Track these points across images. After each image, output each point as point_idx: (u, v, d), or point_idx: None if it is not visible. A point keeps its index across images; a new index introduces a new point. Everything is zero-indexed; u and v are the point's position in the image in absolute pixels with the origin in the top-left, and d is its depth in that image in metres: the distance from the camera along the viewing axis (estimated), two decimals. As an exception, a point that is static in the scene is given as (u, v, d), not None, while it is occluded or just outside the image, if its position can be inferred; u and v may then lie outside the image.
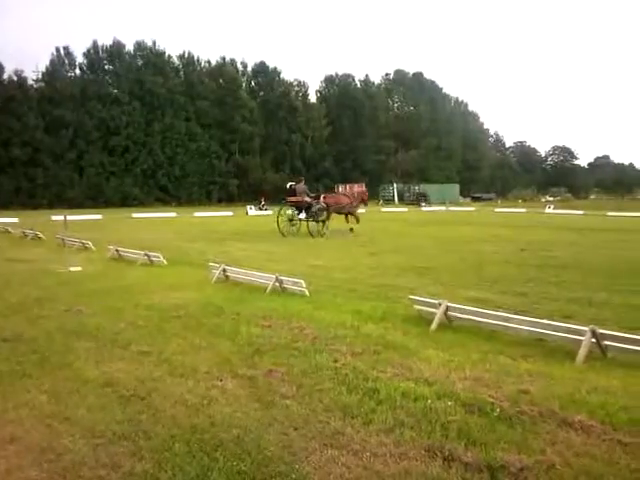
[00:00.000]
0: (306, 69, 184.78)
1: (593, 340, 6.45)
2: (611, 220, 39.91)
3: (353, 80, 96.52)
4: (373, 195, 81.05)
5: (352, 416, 4.60)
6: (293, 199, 25.58)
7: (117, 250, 16.79)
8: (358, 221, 27.02)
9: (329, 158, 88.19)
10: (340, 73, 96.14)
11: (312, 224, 25.15)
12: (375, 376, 5.52)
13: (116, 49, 75.96)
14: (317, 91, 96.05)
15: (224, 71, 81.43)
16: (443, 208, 64.14)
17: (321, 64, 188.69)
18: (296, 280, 10.81)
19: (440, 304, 8.08)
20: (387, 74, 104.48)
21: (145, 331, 7.70)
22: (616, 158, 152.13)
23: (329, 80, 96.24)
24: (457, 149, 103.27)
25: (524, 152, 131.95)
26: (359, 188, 31.24)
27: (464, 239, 23.73)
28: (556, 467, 3.70)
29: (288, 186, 26.17)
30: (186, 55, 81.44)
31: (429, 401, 4.81)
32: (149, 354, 6.57)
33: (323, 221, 25.59)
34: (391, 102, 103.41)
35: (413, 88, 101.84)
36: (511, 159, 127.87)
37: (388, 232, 28.43)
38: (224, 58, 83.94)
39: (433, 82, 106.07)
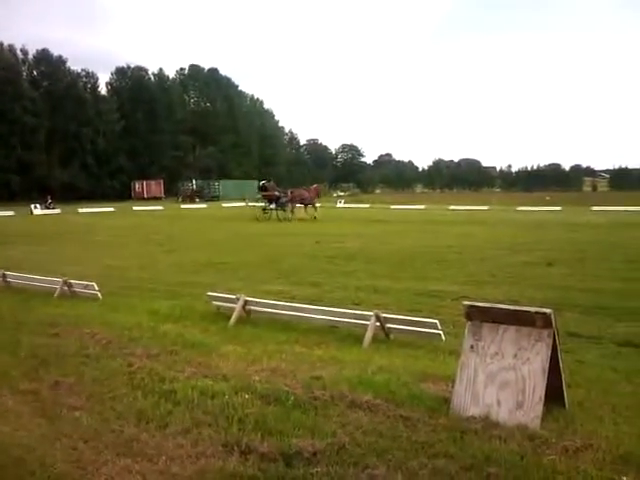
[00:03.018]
0: (95, 60, 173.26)
1: (377, 324, 6.99)
2: (393, 212, 43.48)
3: (146, 73, 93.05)
4: (173, 192, 79.27)
5: (147, 421, 4.43)
6: (266, 194, 34.22)
7: None
8: (316, 210, 33.91)
9: (123, 153, 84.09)
10: (132, 65, 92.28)
11: (280, 211, 32.97)
12: (172, 377, 5.39)
13: None
14: (108, 83, 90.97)
15: (1, 57, 73.48)
16: (243, 204, 64.71)
17: (111, 55, 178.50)
18: (87, 283, 10.19)
19: (238, 299, 8.16)
20: (182, 69, 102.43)
21: None
22: (397, 156, 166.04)
23: (121, 72, 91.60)
24: (254, 146, 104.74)
25: (316, 150, 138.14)
26: (316, 186, 39.08)
27: (262, 234, 24.21)
28: (346, 447, 3.92)
29: (261, 184, 36.58)
30: (-45, 38, 71.69)
31: (227, 397, 4.81)
32: None
33: (292, 210, 33.39)
34: (187, 97, 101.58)
35: (209, 84, 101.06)
36: (305, 156, 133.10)
37: (187, 229, 28.02)
38: (1, 44, 75.58)
39: (229, 79, 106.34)
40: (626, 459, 3.63)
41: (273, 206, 33.49)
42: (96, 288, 9.98)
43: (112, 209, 49.61)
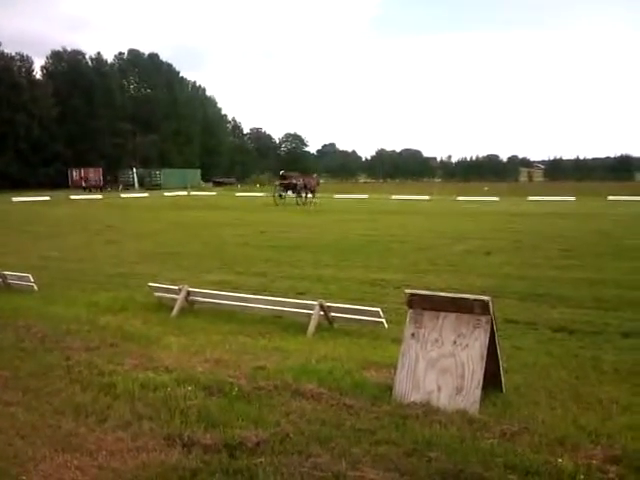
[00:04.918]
0: (29, 43, 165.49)
1: (321, 313, 7.02)
2: (337, 202, 43.58)
3: (84, 57, 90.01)
4: (111, 180, 77.26)
5: (86, 415, 4.32)
6: (285, 182, 39.14)
7: None
8: (314, 196, 39.74)
9: (60, 140, 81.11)
10: (69, 48, 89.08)
11: (298, 197, 37.89)
12: (112, 370, 5.27)
13: None
14: (43, 67, 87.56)
15: None
16: (184, 193, 63.78)
17: (47, 38, 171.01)
18: (22, 274, 9.85)
19: (181, 289, 8.05)
20: (121, 53, 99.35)
21: None
22: (341, 146, 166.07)
23: (56, 56, 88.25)
24: (197, 134, 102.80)
25: (260, 138, 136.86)
26: (316, 175, 46.76)
27: (206, 223, 23.93)
28: (290, 437, 3.92)
29: (281, 173, 41.75)
30: None
31: (169, 389, 4.74)
32: None
33: (306, 195, 38.42)
34: (127, 83, 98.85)
35: (149, 70, 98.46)
36: (249, 145, 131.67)
37: (128, 218, 27.39)
38: None
39: (170, 65, 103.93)
40: (562, 442, 3.77)
41: (289, 192, 38.42)
42: (32, 280, 9.65)
43: (48, 198, 47.99)
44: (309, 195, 38.90)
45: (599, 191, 52.88)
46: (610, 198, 44.82)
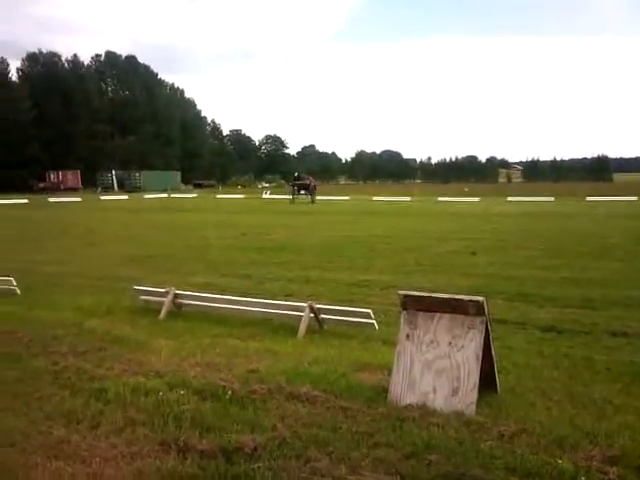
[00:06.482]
0: (4, 45, 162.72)
1: (311, 315, 6.97)
2: (319, 203, 43.42)
3: (60, 60, 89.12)
4: (90, 183, 76.48)
5: (77, 421, 4.22)
6: (299, 182, 44.84)
7: None
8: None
9: (36, 143, 79.98)
10: (45, 50, 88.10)
11: (309, 196, 42.82)
12: (102, 375, 5.18)
13: None
14: (19, 69, 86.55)
15: None
16: (165, 195, 63.31)
17: (22, 41, 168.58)
18: (4, 278, 9.66)
19: (168, 292, 7.94)
20: (98, 55, 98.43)
21: None
22: (320, 147, 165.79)
23: (32, 58, 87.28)
24: (176, 136, 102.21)
25: (240, 140, 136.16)
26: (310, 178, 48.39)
27: (188, 226, 23.76)
28: (287, 441, 3.87)
29: (295, 174, 47.06)
30: None
31: (161, 393, 4.66)
32: None
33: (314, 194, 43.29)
34: (104, 85, 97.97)
35: (127, 72, 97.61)
36: (228, 147, 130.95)
37: (108, 221, 27.10)
38: None
39: (148, 67, 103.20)
40: (560, 443, 3.75)
41: (303, 192, 43.62)
42: (14, 283, 9.47)
43: (26, 201, 47.28)
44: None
45: (577, 192, 53.47)
46: (589, 199, 45.31)
